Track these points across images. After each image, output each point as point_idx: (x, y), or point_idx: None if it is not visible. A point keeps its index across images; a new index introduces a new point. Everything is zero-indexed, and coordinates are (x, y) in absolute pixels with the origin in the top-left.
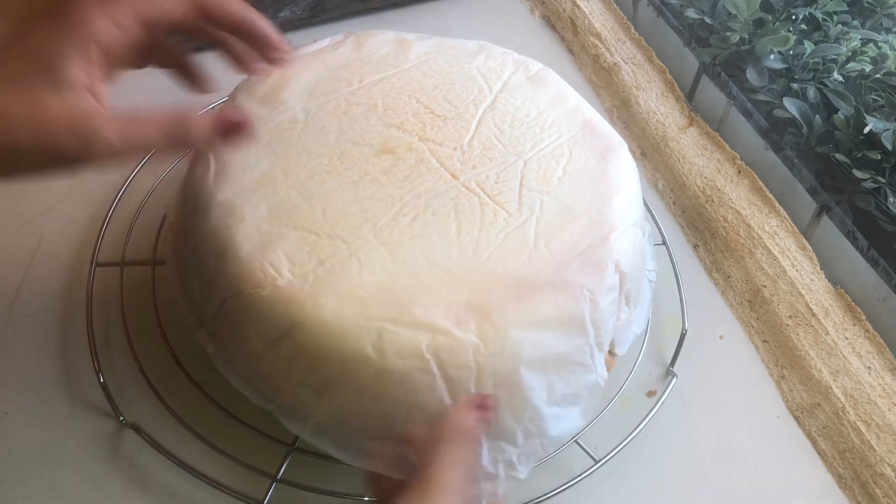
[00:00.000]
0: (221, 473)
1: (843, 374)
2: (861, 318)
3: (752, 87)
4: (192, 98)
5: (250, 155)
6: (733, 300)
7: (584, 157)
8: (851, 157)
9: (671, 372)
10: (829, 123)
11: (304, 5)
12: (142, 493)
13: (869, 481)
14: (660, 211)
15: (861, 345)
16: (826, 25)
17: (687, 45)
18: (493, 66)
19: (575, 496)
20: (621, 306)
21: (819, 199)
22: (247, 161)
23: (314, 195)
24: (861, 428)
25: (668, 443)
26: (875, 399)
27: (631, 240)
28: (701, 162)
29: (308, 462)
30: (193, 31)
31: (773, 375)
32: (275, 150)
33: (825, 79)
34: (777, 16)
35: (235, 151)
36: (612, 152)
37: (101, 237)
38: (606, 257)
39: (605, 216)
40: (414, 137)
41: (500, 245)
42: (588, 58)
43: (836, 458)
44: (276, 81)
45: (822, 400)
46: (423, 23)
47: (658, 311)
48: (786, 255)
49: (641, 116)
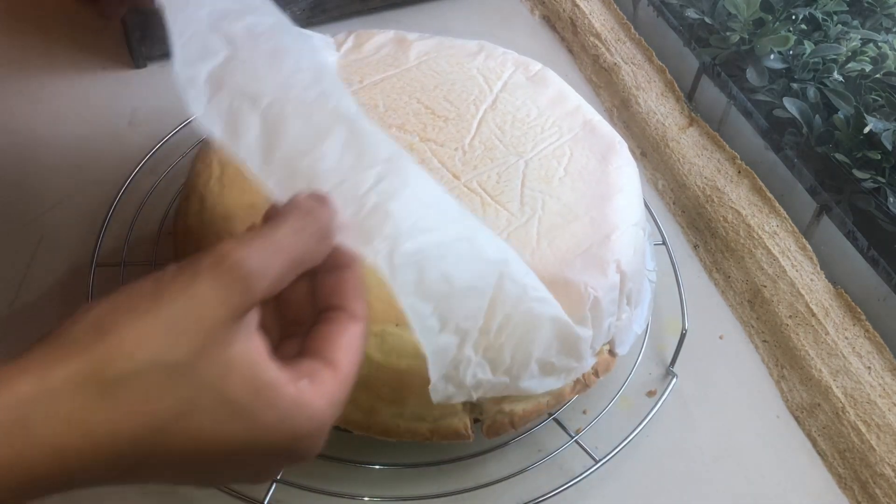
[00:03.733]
0: None
1: (843, 374)
2: (861, 318)
3: (752, 87)
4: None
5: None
6: (733, 300)
7: (585, 157)
8: (851, 157)
9: (671, 372)
10: (829, 123)
11: (304, 5)
12: (142, 493)
13: (869, 481)
14: (660, 211)
15: (861, 345)
16: (826, 25)
17: (687, 45)
18: (493, 66)
19: (575, 496)
20: (622, 306)
21: (819, 199)
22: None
23: None
24: (861, 428)
25: (668, 443)
26: (875, 399)
27: (632, 240)
28: (701, 162)
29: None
30: None
31: (773, 375)
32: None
33: (825, 79)
34: (777, 16)
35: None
36: (612, 152)
37: (101, 237)
38: (608, 257)
39: (606, 216)
40: (415, 138)
41: None
42: (588, 58)
43: (836, 458)
44: None
45: (822, 400)
46: (423, 23)
47: (658, 311)
48: (786, 255)
49: (641, 116)
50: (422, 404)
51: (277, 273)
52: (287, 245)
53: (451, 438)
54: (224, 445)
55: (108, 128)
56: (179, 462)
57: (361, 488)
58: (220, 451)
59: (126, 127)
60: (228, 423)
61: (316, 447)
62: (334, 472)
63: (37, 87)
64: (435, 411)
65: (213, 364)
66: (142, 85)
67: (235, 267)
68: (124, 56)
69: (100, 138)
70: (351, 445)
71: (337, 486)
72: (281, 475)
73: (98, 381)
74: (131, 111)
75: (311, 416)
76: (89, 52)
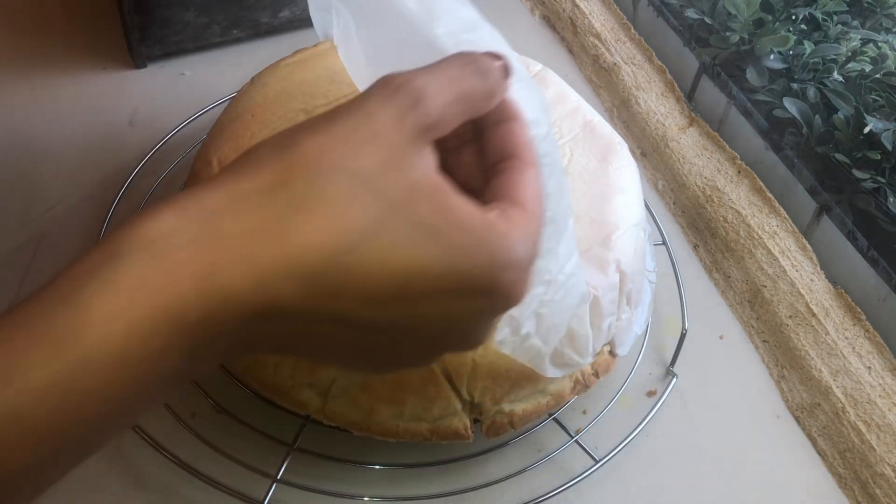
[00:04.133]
0: (221, 473)
1: (843, 374)
2: (861, 318)
3: (752, 87)
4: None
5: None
6: (733, 300)
7: (586, 157)
8: (851, 157)
9: (671, 372)
10: (829, 123)
11: (304, 5)
12: (142, 493)
13: (869, 481)
14: (660, 211)
15: (861, 345)
16: (826, 25)
17: (687, 45)
18: None
19: (575, 496)
20: (622, 306)
21: (819, 199)
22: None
23: None
24: (861, 428)
25: (668, 443)
26: (875, 399)
27: (632, 240)
28: (701, 162)
29: (308, 462)
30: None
31: (773, 375)
32: None
33: (825, 79)
34: (777, 16)
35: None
36: (612, 153)
37: (101, 237)
38: (608, 257)
39: (606, 216)
40: None
41: None
42: (588, 58)
43: (836, 458)
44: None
45: (822, 400)
46: None
47: (658, 311)
48: (786, 255)
49: (641, 116)
50: (421, 405)
51: (446, 100)
52: (454, 76)
53: (451, 438)
54: (421, 272)
55: (108, 128)
56: (374, 299)
57: (361, 488)
58: (417, 282)
59: (126, 127)
60: (422, 245)
61: (520, 284)
62: (334, 472)
63: (37, 88)
64: (434, 411)
65: (397, 185)
66: (142, 85)
67: (405, 84)
68: (124, 56)
69: (100, 138)
70: (351, 445)
71: (337, 486)
72: (281, 475)
73: (287, 191)
74: (131, 111)
75: (508, 245)
76: (89, 52)
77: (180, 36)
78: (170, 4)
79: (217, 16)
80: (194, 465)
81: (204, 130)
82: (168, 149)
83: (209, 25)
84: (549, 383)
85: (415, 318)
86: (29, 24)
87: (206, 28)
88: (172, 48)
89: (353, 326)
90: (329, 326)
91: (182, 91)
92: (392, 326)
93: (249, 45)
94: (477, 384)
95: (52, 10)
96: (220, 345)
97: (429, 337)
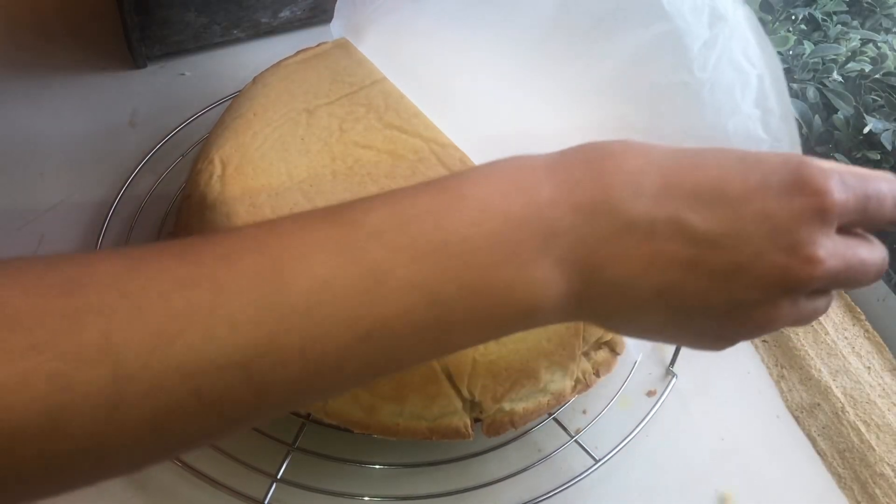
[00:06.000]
0: (221, 473)
1: (842, 373)
2: (861, 318)
3: None
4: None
5: (254, 156)
6: None
7: None
8: (851, 157)
9: (671, 372)
10: (829, 123)
11: (304, 5)
12: (142, 493)
13: (868, 481)
14: None
15: (861, 345)
16: (826, 25)
17: None
18: None
19: (575, 496)
20: None
21: None
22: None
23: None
24: (861, 428)
25: (668, 443)
26: (875, 399)
27: None
28: None
29: (308, 462)
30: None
31: (772, 375)
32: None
33: (825, 79)
34: (777, 16)
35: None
36: None
37: (101, 237)
38: None
39: None
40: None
41: None
42: None
43: (836, 457)
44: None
45: (822, 400)
46: None
47: None
48: None
49: None
50: (422, 403)
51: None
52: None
53: (451, 437)
54: (732, 169)
55: (108, 128)
56: (699, 197)
57: (361, 488)
58: (733, 178)
59: (126, 127)
60: (730, 154)
61: (833, 183)
62: (335, 471)
63: (37, 88)
64: (434, 410)
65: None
66: (142, 85)
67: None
68: (124, 56)
69: (100, 138)
70: (351, 445)
71: (337, 486)
72: (281, 475)
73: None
74: (131, 111)
75: (813, 159)
76: (89, 52)
77: (180, 36)
78: (170, 4)
79: (217, 16)
80: (194, 464)
81: (204, 130)
82: (168, 149)
83: (209, 25)
84: (550, 382)
85: (741, 222)
86: (29, 24)
87: (206, 28)
88: (173, 48)
89: (688, 237)
90: (665, 242)
91: (182, 91)
92: (723, 235)
93: (250, 45)
94: (477, 383)
95: (52, 10)
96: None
97: (758, 258)
